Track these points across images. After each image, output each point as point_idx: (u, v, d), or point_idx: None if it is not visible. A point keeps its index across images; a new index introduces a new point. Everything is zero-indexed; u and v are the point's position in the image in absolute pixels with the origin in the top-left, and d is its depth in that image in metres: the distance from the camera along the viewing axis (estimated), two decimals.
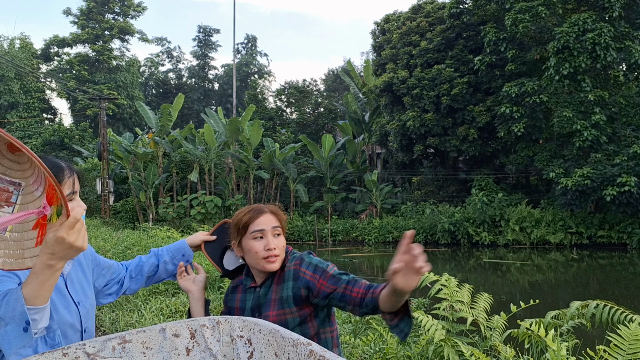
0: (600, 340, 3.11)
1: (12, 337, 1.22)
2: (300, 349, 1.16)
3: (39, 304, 1.25)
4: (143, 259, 1.97)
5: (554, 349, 2.52)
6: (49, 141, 35.36)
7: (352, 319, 4.44)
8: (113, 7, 45.19)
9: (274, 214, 1.86)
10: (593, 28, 18.10)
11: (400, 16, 26.46)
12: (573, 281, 15.09)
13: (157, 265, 1.95)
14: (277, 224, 1.83)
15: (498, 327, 3.63)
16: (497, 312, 3.80)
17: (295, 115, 33.20)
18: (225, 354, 1.36)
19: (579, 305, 3.61)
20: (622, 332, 2.56)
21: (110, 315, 4.56)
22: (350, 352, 3.43)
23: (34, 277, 1.24)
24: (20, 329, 1.22)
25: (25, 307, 1.23)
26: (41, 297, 1.25)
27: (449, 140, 23.23)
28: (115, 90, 42.55)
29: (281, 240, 1.83)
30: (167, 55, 57.97)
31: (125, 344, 1.32)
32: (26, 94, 41.06)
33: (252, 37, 60.21)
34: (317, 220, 25.36)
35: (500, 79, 21.49)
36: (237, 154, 26.30)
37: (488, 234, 21.34)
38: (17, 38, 43.59)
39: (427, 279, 3.83)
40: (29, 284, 1.25)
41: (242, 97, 43.30)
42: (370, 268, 18.30)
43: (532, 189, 24.15)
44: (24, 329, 1.22)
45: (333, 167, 26.69)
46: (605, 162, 18.21)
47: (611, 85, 19.62)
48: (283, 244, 1.84)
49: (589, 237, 20.04)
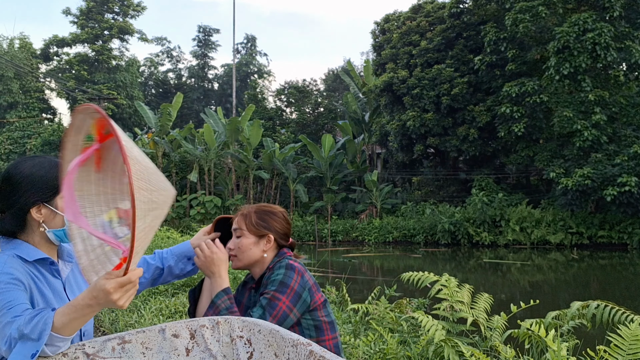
0: (600, 340, 3.11)
1: (25, 349, 1.23)
2: (300, 349, 1.15)
3: (66, 335, 1.27)
4: (148, 260, 1.94)
5: (554, 349, 2.52)
6: (48, 141, 35.33)
7: (352, 319, 4.44)
8: (113, 6, 45.15)
9: (242, 215, 1.90)
10: (593, 28, 18.09)
11: (400, 16, 26.46)
12: (573, 281, 15.08)
13: (162, 269, 1.93)
14: (236, 226, 1.88)
15: (498, 328, 3.62)
16: (497, 313, 3.79)
17: (295, 115, 33.19)
18: (225, 354, 1.35)
19: (579, 306, 3.60)
20: (623, 332, 2.55)
21: (109, 316, 4.56)
22: (350, 353, 3.43)
23: (72, 310, 1.25)
24: (35, 347, 1.23)
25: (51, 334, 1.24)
26: (72, 329, 1.27)
27: (449, 140, 23.23)
28: (114, 90, 42.52)
29: (241, 241, 1.85)
30: (167, 55, 57.94)
31: (125, 345, 1.31)
32: (25, 94, 41.04)
33: (251, 37, 60.20)
34: (317, 220, 25.35)
35: (501, 79, 21.49)
36: (237, 154, 26.29)
37: (488, 234, 21.34)
38: (16, 38, 43.56)
39: (427, 279, 3.82)
40: (65, 314, 1.26)
41: (242, 97, 43.29)
42: (370, 268, 18.29)
43: (533, 189, 24.14)
44: (32, 355, 1.23)
45: (333, 167, 26.68)
46: (606, 162, 18.20)
47: (611, 85, 19.61)
48: (241, 245, 1.85)
49: (590, 237, 20.03)
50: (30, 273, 1.45)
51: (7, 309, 1.29)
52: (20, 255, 1.46)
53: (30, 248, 1.49)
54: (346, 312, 4.81)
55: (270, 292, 1.71)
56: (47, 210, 1.49)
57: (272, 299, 1.70)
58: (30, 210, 1.48)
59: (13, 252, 1.46)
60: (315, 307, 1.81)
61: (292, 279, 1.74)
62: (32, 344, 1.23)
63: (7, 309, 1.29)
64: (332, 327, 1.85)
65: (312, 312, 1.80)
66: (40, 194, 1.48)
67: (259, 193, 28.15)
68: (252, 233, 1.86)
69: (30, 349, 1.22)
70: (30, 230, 1.51)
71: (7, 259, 1.42)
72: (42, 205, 1.48)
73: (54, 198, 1.50)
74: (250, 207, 1.93)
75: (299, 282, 1.75)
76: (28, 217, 1.49)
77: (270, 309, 1.68)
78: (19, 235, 1.51)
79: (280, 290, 1.71)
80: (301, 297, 1.75)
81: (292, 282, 1.74)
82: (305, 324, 1.79)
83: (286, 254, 1.89)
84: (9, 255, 1.43)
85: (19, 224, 1.49)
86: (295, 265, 1.80)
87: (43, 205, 1.49)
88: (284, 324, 1.69)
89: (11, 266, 1.40)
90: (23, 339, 1.23)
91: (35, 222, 1.49)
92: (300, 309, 1.74)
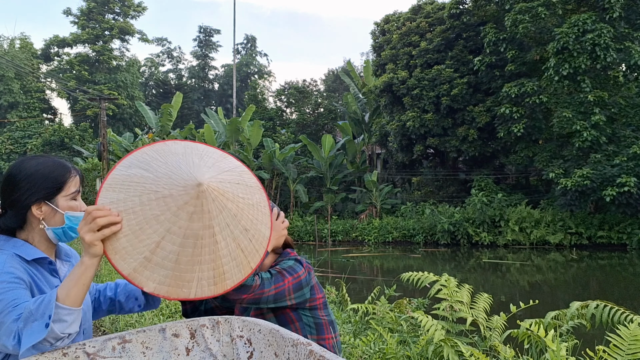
0: (599, 340, 3.11)
1: (34, 332, 1.23)
2: (300, 349, 1.16)
3: (71, 304, 1.27)
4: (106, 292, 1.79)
5: (553, 349, 2.52)
6: (49, 141, 35.35)
7: (352, 319, 4.44)
8: (113, 7, 45.17)
9: None
10: (593, 29, 18.10)
11: (400, 17, 26.46)
12: (573, 281, 15.09)
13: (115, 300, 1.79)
14: None
15: (498, 328, 3.63)
16: (496, 313, 3.80)
17: (295, 116, 33.19)
18: (225, 354, 1.36)
19: (578, 306, 3.61)
20: (622, 332, 2.56)
21: (109, 315, 4.57)
22: (350, 352, 3.43)
23: (70, 278, 1.29)
24: (43, 324, 1.24)
25: (57, 305, 1.25)
26: (75, 297, 1.28)
27: (449, 141, 23.23)
28: (115, 90, 42.54)
29: None
30: (167, 56, 57.95)
31: (125, 344, 1.32)
32: (26, 94, 41.05)
33: (251, 38, 60.23)
34: (317, 220, 25.36)
35: (500, 80, 21.49)
36: (237, 154, 26.30)
37: (488, 234, 21.34)
38: (17, 38, 43.64)
39: (426, 279, 3.83)
40: (64, 286, 1.28)
41: (242, 97, 43.30)
42: (370, 268, 18.30)
43: (532, 189, 24.15)
44: (46, 324, 1.23)
45: (333, 167, 26.69)
46: (605, 163, 18.20)
47: (611, 86, 19.62)
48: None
49: (589, 238, 20.04)
50: (29, 272, 1.46)
51: (12, 307, 1.31)
52: (20, 254, 1.46)
53: (29, 247, 1.50)
54: (346, 312, 4.82)
55: (280, 268, 1.78)
56: (47, 208, 1.50)
57: (281, 273, 1.76)
58: (32, 207, 1.49)
59: (12, 251, 1.46)
60: (315, 305, 1.85)
61: (300, 270, 1.81)
62: (38, 323, 1.24)
63: (13, 307, 1.30)
64: (332, 327, 1.90)
65: (313, 310, 1.85)
66: (42, 191, 1.49)
67: None
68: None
69: (42, 323, 1.24)
70: (30, 228, 1.52)
71: (7, 258, 1.43)
72: (43, 202, 1.49)
73: (56, 196, 1.51)
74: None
75: (305, 276, 1.82)
76: (28, 214, 1.50)
77: (276, 279, 1.74)
78: (18, 233, 1.52)
79: (288, 272, 1.78)
80: (302, 289, 1.80)
81: (300, 272, 1.81)
82: (306, 320, 1.83)
83: (290, 254, 1.92)
84: (8, 255, 1.44)
85: (19, 221, 1.50)
86: (304, 262, 1.87)
87: (44, 203, 1.50)
88: (279, 302, 1.74)
89: (12, 265, 1.41)
90: (29, 320, 1.24)
91: (35, 220, 1.50)
92: (297, 298, 1.79)
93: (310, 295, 1.83)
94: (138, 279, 1.30)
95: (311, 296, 1.83)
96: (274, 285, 1.72)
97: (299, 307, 1.81)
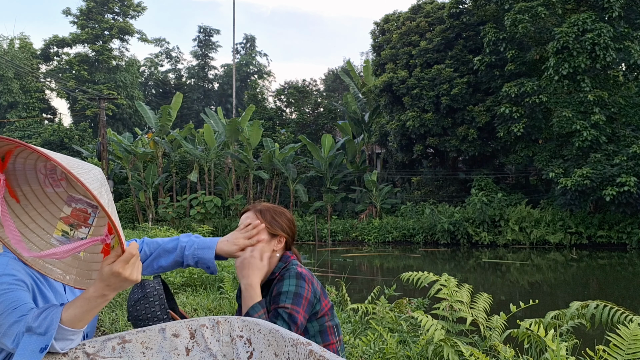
0: (599, 340, 3.11)
1: (29, 348, 1.23)
2: (300, 349, 1.16)
3: (79, 328, 1.28)
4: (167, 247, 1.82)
5: (553, 349, 2.52)
6: (48, 141, 35.34)
7: (352, 319, 4.44)
8: (113, 7, 45.15)
9: (257, 211, 1.92)
10: (592, 28, 18.10)
11: (400, 16, 26.45)
12: (573, 281, 15.09)
13: (182, 263, 1.84)
14: (249, 222, 1.89)
15: (497, 327, 3.63)
16: (496, 312, 3.80)
17: (295, 115, 33.19)
18: (225, 353, 1.35)
19: (578, 306, 3.61)
20: (622, 332, 2.55)
21: (109, 315, 4.56)
22: (350, 352, 3.43)
23: (84, 302, 1.27)
24: (39, 346, 1.23)
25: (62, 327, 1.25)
26: (84, 321, 1.28)
27: (449, 141, 23.24)
28: (114, 90, 42.53)
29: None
30: (166, 56, 57.92)
31: (125, 344, 1.32)
32: (26, 94, 41.03)
33: (250, 37, 60.19)
34: (316, 220, 25.36)
35: (500, 79, 21.49)
36: (237, 154, 26.29)
37: (487, 234, 21.34)
38: (16, 38, 43.60)
39: (426, 279, 3.82)
40: (75, 307, 1.27)
41: (242, 97, 43.27)
42: (369, 268, 18.29)
43: (532, 189, 24.15)
44: (41, 349, 1.23)
45: (333, 167, 26.68)
46: (605, 162, 18.20)
47: (611, 86, 19.61)
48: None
49: (589, 237, 20.04)
50: (31, 274, 1.46)
51: (13, 308, 1.31)
52: None
53: None
54: (346, 311, 4.82)
55: (288, 305, 1.71)
56: None
57: (292, 312, 1.70)
58: None
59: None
60: (322, 314, 1.82)
61: (305, 289, 1.76)
62: (38, 338, 1.23)
63: (13, 309, 1.30)
64: (337, 331, 1.87)
65: (320, 318, 1.82)
66: None
67: (258, 193, 28.14)
68: (266, 230, 1.86)
69: (38, 343, 1.23)
70: None
71: (8, 260, 1.43)
72: None
73: None
74: (264, 205, 1.92)
75: (311, 291, 1.78)
76: None
77: (292, 323, 1.69)
78: None
79: (296, 303, 1.72)
80: (313, 305, 1.79)
81: (305, 292, 1.76)
82: (312, 330, 1.80)
83: (290, 258, 1.89)
84: (10, 257, 1.44)
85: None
86: (304, 273, 1.81)
87: None
88: (299, 331, 1.72)
89: (13, 267, 1.41)
90: (29, 332, 1.24)
91: None
92: (308, 314, 1.77)
93: (318, 307, 1.80)
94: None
95: (319, 307, 1.81)
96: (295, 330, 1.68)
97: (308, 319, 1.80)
